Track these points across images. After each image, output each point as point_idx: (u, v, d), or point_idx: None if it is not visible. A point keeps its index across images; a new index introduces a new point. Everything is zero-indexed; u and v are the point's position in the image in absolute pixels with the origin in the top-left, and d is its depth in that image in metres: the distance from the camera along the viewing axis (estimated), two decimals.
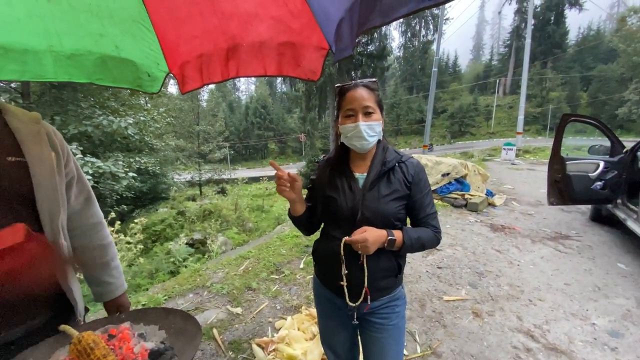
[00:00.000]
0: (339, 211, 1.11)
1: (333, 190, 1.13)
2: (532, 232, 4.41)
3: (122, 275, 1.19)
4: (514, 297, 2.76)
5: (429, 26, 46.18)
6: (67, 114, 8.36)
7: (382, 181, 1.10)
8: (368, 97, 1.07)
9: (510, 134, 33.03)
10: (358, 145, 1.09)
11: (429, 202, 1.13)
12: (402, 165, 1.13)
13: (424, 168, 1.16)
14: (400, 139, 41.02)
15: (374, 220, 1.06)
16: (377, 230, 1.02)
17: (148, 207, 14.37)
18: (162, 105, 14.74)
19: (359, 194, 1.09)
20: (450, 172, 6.11)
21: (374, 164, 1.13)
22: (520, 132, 16.19)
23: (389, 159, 1.13)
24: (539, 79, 39.04)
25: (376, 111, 1.08)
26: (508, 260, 3.48)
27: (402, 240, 1.05)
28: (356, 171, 1.16)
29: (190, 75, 1.57)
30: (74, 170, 1.05)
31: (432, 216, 1.14)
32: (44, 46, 1.36)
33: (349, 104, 1.08)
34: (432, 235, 1.12)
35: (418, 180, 1.12)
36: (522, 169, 10.50)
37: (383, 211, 1.07)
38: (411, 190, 1.11)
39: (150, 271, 5.68)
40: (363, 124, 1.05)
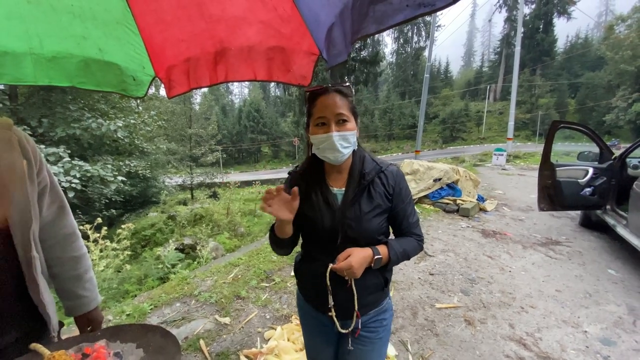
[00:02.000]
0: (318, 232, 1.03)
1: (310, 209, 1.04)
2: (523, 237, 4.44)
3: (95, 289, 1.14)
4: (505, 304, 2.75)
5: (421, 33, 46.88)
6: (55, 117, 8.20)
7: (362, 196, 1.02)
8: (341, 104, 0.98)
9: (501, 140, 33.54)
10: (331, 158, 1.01)
11: (411, 210, 1.09)
12: (382, 175, 1.05)
13: (403, 175, 1.10)
14: (393, 144, 41.30)
15: (358, 239, 1.00)
16: (362, 251, 0.96)
17: (138, 211, 14.12)
18: (154, 108, 14.59)
19: (339, 213, 1.01)
20: (442, 178, 6.13)
21: (352, 177, 1.05)
22: (511, 137, 16.45)
23: (368, 169, 1.05)
24: (528, 85, 39.80)
25: (350, 119, 1.00)
26: (500, 267, 3.48)
27: (387, 256, 1.00)
28: (333, 185, 1.08)
29: (176, 79, 1.53)
30: (47, 178, 1.00)
31: (414, 225, 1.10)
32: (24, 48, 1.30)
33: (320, 112, 0.98)
34: (416, 244, 1.09)
35: (399, 190, 1.06)
36: (513, 174, 10.62)
37: (366, 229, 1.01)
38: (392, 202, 1.05)
39: (139, 277, 5.52)
40: (336, 134, 0.96)
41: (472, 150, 28.08)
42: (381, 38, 48.38)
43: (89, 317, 1.11)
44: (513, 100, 16.56)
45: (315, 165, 1.10)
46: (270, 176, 25.92)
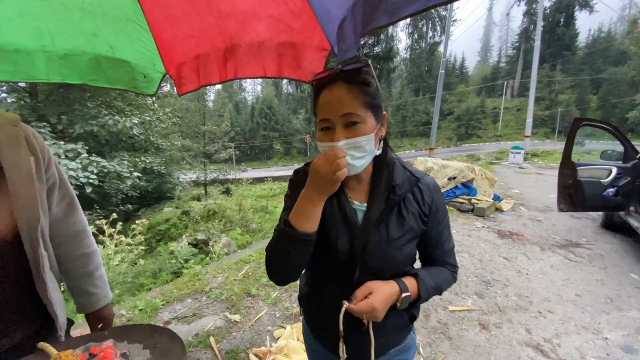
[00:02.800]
0: (332, 256, 0.81)
1: (323, 222, 0.79)
2: (541, 239, 4.29)
3: (106, 286, 1.13)
4: (522, 308, 2.66)
5: (435, 28, 46.00)
6: (74, 114, 8.42)
7: (391, 217, 0.80)
8: (350, 99, 0.72)
9: (518, 137, 32.67)
10: None
11: (447, 235, 0.89)
12: (416, 189, 0.83)
13: (440, 189, 0.89)
14: (406, 141, 40.81)
15: (381, 270, 0.80)
16: (386, 288, 0.77)
17: (153, 206, 14.46)
18: (169, 106, 14.84)
19: (360, 234, 0.79)
20: (457, 176, 6.00)
21: (377, 190, 0.82)
22: (529, 135, 15.97)
23: (399, 181, 0.82)
24: (547, 81, 38.61)
25: (365, 119, 0.73)
26: (516, 269, 3.37)
27: (417, 293, 0.80)
28: (353, 197, 0.84)
29: (186, 76, 1.51)
30: (56, 174, 0.99)
31: (449, 253, 0.90)
32: (36, 46, 1.31)
33: (323, 112, 0.74)
34: (450, 277, 0.89)
35: (436, 209, 0.84)
36: (530, 173, 10.31)
37: (394, 259, 0.80)
38: (428, 224, 0.83)
39: (154, 271, 5.66)
40: (342, 143, 0.71)
41: (487, 148, 27.47)
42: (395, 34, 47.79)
43: (100, 315, 1.11)
44: (532, 97, 16.05)
45: None
46: (281, 173, 26.05)
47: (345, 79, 0.73)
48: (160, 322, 2.32)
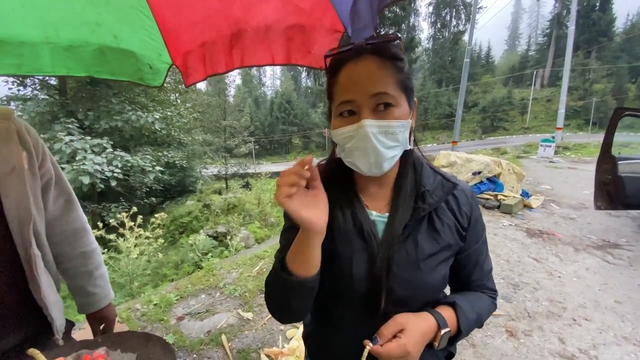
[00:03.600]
0: (347, 282, 0.64)
1: (333, 240, 0.64)
2: (575, 239, 4.00)
3: (107, 285, 1.09)
4: (555, 314, 2.46)
5: (460, 16, 44.25)
6: (100, 110, 8.70)
7: (420, 230, 0.64)
8: (381, 75, 0.58)
9: (548, 129, 31.06)
10: (364, 167, 0.61)
11: (486, 253, 0.74)
12: (451, 198, 0.68)
13: (476, 196, 0.76)
14: (427, 134, 39.76)
15: (411, 299, 0.64)
16: (420, 324, 0.61)
17: (177, 199, 14.92)
18: (190, 101, 15.14)
19: (381, 253, 0.62)
20: (482, 171, 5.70)
21: (401, 197, 0.66)
22: (560, 127, 15.08)
23: (430, 186, 0.67)
24: (581, 69, 36.33)
25: (399, 101, 0.59)
26: (547, 271, 3.14)
27: (457, 327, 0.64)
28: (371, 206, 0.68)
29: (193, 66, 1.44)
30: (52, 170, 0.95)
31: (488, 274, 0.76)
32: (41, 38, 1.27)
33: (345, 92, 0.59)
34: (491, 304, 0.74)
35: (475, 221, 0.70)
36: (562, 167, 9.73)
37: (427, 283, 0.64)
38: (466, 240, 0.68)
39: (177, 262, 5.81)
40: (371, 123, 0.57)
41: (514, 140, 26.28)
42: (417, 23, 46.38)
43: (101, 315, 1.08)
44: (564, 86, 15.10)
45: (341, 174, 0.70)
46: None
47: (374, 51, 0.59)
48: (173, 318, 2.32)
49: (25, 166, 0.85)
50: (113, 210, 8.69)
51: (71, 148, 6.84)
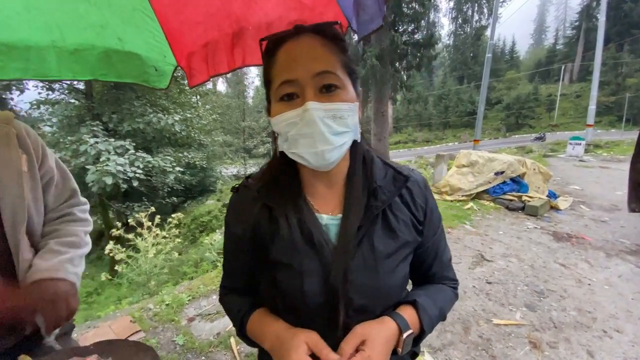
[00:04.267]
0: (299, 301, 0.58)
1: (282, 253, 0.59)
2: (606, 243, 3.73)
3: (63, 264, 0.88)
4: (583, 325, 2.29)
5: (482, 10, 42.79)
6: (123, 112, 9.01)
7: (375, 229, 0.59)
8: (324, 53, 0.54)
9: (577, 127, 29.59)
10: (311, 159, 0.55)
11: (444, 243, 0.72)
12: (405, 191, 0.63)
13: (429, 185, 0.70)
14: (449, 133, 38.79)
15: (371, 307, 0.59)
16: (382, 332, 0.56)
17: (198, 198, 15.32)
18: (210, 103, 15.47)
19: (336, 261, 0.56)
20: (505, 171, 5.46)
21: (353, 195, 0.61)
22: (591, 124, 14.29)
23: (381, 181, 0.62)
24: (613, 63, 34.35)
25: (345, 84, 0.55)
26: (576, 278, 2.94)
27: (419, 327, 0.61)
28: (321, 209, 0.62)
29: (196, 67, 1.42)
30: (53, 170, 0.96)
31: (448, 265, 0.73)
32: (47, 42, 1.28)
33: (285, 71, 0.54)
34: (453, 295, 0.72)
35: (430, 212, 0.66)
36: (593, 166, 9.19)
37: (387, 287, 0.59)
38: (424, 233, 0.65)
39: (196, 260, 5.92)
40: (318, 106, 0.51)
41: None
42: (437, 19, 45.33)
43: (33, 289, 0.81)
44: (595, 81, 14.28)
45: (285, 174, 0.64)
46: None
47: (315, 30, 0.55)
48: (184, 318, 2.32)
49: (24, 169, 0.86)
50: (136, 209, 8.98)
51: (96, 150, 7.11)
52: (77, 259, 0.95)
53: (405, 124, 42.40)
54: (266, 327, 0.62)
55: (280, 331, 0.59)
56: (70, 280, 0.87)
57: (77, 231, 1.01)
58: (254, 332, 0.64)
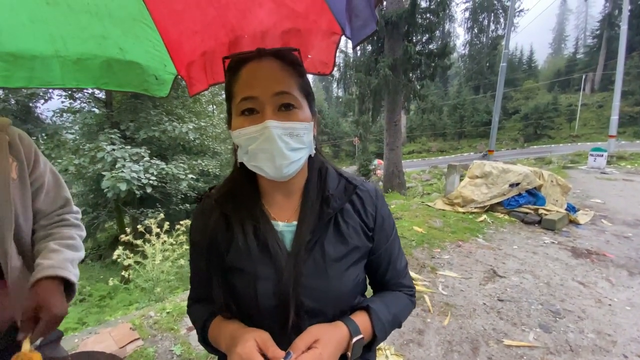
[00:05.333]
0: (252, 305, 0.62)
1: (237, 259, 0.63)
2: (629, 260, 3.52)
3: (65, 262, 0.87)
4: (602, 349, 2.14)
5: (499, 20, 42.50)
6: (140, 121, 9.26)
7: (326, 235, 0.63)
8: (283, 76, 0.60)
9: (600, 138, 28.53)
10: (270, 171, 0.60)
11: (398, 251, 0.75)
12: (355, 198, 0.69)
13: (383, 196, 0.74)
14: (464, 143, 38.13)
15: (322, 310, 0.62)
16: (334, 333, 0.59)
17: None
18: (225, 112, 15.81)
19: (289, 266, 0.61)
20: (521, 182, 5.27)
21: (308, 203, 0.65)
22: (614, 135, 13.76)
23: (333, 189, 0.66)
24: (637, 72, 33.09)
25: (301, 104, 0.61)
26: (595, 298, 2.77)
27: (371, 333, 0.64)
28: (278, 217, 0.67)
29: (196, 76, 1.43)
30: (44, 177, 0.98)
31: (403, 272, 0.76)
32: (51, 51, 1.32)
33: (247, 88, 0.59)
34: (408, 301, 0.75)
35: (381, 220, 0.70)
36: (616, 179, 8.80)
37: (337, 291, 0.62)
38: (374, 240, 0.69)
39: None
40: (275, 124, 0.56)
41: (561, 150, 24.39)
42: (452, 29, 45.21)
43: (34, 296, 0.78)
44: (618, 90, 13.80)
45: (244, 184, 0.68)
46: None
47: (276, 55, 0.62)
48: (184, 327, 2.30)
49: (14, 176, 0.87)
50: (150, 215, 9.14)
51: (112, 157, 7.31)
52: (75, 262, 0.95)
53: (419, 133, 42.00)
54: (222, 330, 0.65)
55: (234, 330, 0.61)
56: (72, 280, 0.87)
57: (74, 235, 1.01)
58: (213, 337, 0.67)
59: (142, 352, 2.01)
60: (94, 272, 9.25)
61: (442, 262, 3.46)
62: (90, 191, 10.13)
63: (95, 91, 9.63)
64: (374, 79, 11.81)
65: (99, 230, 11.05)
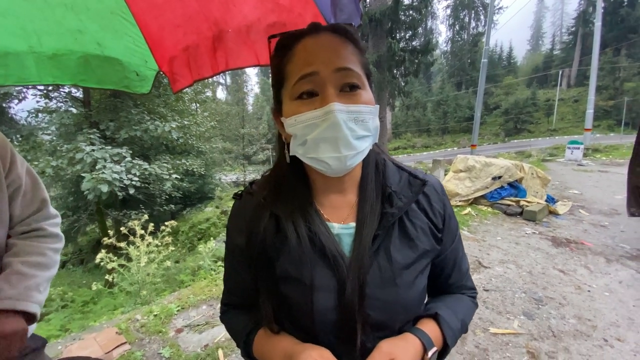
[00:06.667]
0: (309, 320, 0.53)
1: (290, 267, 0.54)
2: (606, 248, 3.68)
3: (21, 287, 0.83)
4: (583, 334, 2.23)
5: (479, 17, 43.35)
6: (120, 120, 8.99)
7: (391, 239, 0.55)
8: (346, 52, 0.51)
9: (576, 131, 29.62)
10: (332, 162, 0.51)
11: (462, 252, 0.68)
12: (421, 196, 0.60)
13: (445, 190, 0.66)
14: (448, 138, 38.82)
15: (389, 323, 0.55)
16: (409, 350, 0.52)
17: (196, 206, 15.23)
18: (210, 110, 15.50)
19: (352, 273, 0.52)
20: (503, 175, 5.42)
21: (368, 203, 0.57)
22: (589, 128, 14.34)
23: (395, 185, 0.58)
24: (611, 68, 34.46)
25: (366, 86, 0.53)
26: (575, 284, 2.88)
27: (442, 342, 0.58)
28: (331, 218, 0.58)
29: (179, 72, 1.39)
30: (21, 179, 0.93)
31: (467, 273, 0.69)
32: (24, 47, 1.26)
33: (305, 65, 0.50)
34: (472, 304, 0.68)
35: (449, 218, 0.62)
36: (592, 170, 9.16)
37: (405, 303, 0.55)
38: (442, 241, 0.61)
39: (194, 268, 5.85)
40: (342, 108, 0.48)
41: (540, 143, 25.17)
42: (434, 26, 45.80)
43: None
44: (592, 85, 14.35)
45: (294, 180, 0.59)
46: None
47: (334, 29, 0.53)
48: (172, 330, 2.26)
49: None
50: (133, 217, 8.90)
51: (92, 157, 7.08)
52: (43, 284, 0.90)
53: (404, 129, 42.45)
54: (274, 345, 0.56)
55: (290, 347, 0.54)
56: (32, 312, 0.82)
57: (46, 250, 0.95)
58: (261, 351, 0.59)
59: (130, 356, 1.97)
60: (75, 277, 8.97)
61: None
62: (69, 194, 9.78)
63: (72, 90, 9.28)
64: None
65: (80, 233, 10.69)
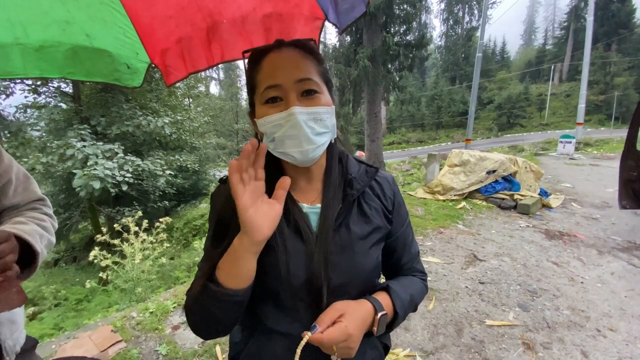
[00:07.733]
0: (282, 284, 0.61)
1: (270, 238, 0.58)
2: (598, 240, 3.74)
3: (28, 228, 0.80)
4: (577, 324, 2.26)
5: (473, 12, 43.32)
6: (111, 115, 8.84)
7: (351, 215, 0.67)
8: (304, 64, 0.61)
9: (568, 125, 29.98)
10: (297, 155, 0.60)
11: (412, 236, 0.80)
12: (374, 183, 0.73)
13: (396, 183, 0.78)
14: (442, 133, 39.01)
15: (347, 286, 0.64)
16: (359, 308, 0.61)
17: (191, 202, 15.11)
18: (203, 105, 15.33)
19: (319, 245, 0.62)
20: (497, 169, 5.46)
21: (331, 186, 0.68)
22: (581, 122, 14.49)
23: (355, 174, 0.70)
24: (602, 62, 34.78)
25: (323, 90, 0.63)
26: (568, 276, 2.92)
27: (393, 311, 0.65)
28: (300, 199, 0.68)
29: (172, 64, 1.35)
30: (10, 172, 0.91)
31: (416, 257, 0.80)
32: (10, 39, 1.21)
33: (270, 77, 0.60)
34: (423, 286, 0.78)
35: (399, 204, 0.75)
36: (584, 164, 9.28)
37: (361, 268, 0.65)
38: (392, 223, 0.73)
39: (189, 265, 5.82)
40: (301, 110, 0.58)
41: (532, 138, 25.42)
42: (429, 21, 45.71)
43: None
44: (584, 80, 14.48)
45: (270, 170, 0.64)
46: None
47: (295, 44, 0.64)
48: (169, 327, 2.24)
49: None
50: (127, 214, 8.79)
51: (83, 154, 6.96)
52: (45, 240, 0.85)
53: (398, 124, 42.50)
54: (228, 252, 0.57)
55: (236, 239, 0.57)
56: (36, 249, 0.77)
57: (46, 218, 0.94)
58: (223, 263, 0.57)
59: (126, 354, 1.94)
60: (68, 275, 8.85)
61: (425, 249, 3.54)
62: (60, 191, 9.63)
63: (61, 85, 9.08)
64: (353, 70, 11.78)
65: (72, 231, 10.54)
